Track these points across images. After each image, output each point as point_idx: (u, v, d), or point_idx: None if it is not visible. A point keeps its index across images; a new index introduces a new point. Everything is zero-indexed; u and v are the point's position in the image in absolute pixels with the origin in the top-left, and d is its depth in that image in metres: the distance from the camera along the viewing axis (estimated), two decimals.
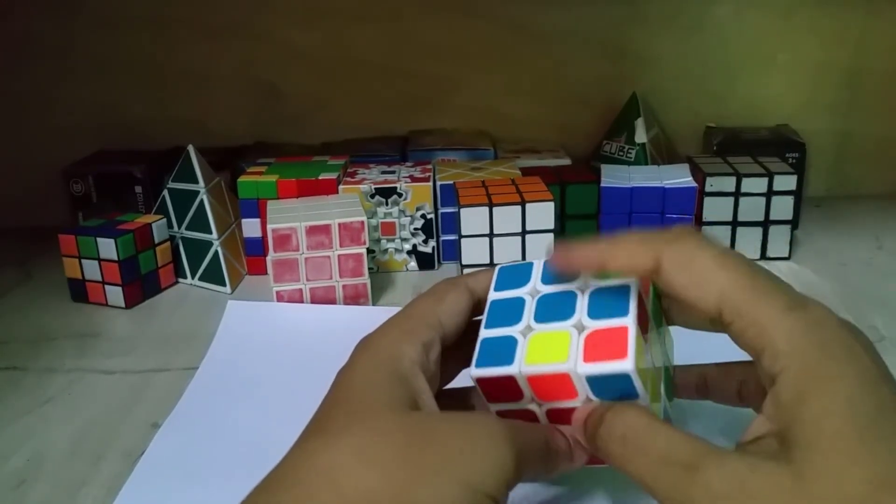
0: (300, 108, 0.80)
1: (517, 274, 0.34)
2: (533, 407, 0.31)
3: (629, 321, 0.29)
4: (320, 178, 0.63)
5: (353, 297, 0.57)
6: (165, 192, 0.64)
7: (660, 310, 0.33)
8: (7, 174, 0.79)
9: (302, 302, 0.56)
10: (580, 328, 0.30)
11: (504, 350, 0.31)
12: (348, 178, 0.64)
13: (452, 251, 0.64)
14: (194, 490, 0.37)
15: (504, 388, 0.31)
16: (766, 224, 0.64)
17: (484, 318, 0.33)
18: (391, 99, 0.80)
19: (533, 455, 0.28)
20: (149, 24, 0.76)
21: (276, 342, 0.51)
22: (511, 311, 0.32)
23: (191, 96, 0.79)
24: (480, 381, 0.31)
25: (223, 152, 0.75)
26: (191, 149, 0.62)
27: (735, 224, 0.64)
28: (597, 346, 0.29)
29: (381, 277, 0.63)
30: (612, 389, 0.29)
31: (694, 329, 0.33)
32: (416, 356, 0.30)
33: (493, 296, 0.34)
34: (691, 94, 0.80)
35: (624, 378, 0.28)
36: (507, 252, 0.58)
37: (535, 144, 0.79)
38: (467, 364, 0.32)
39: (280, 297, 0.56)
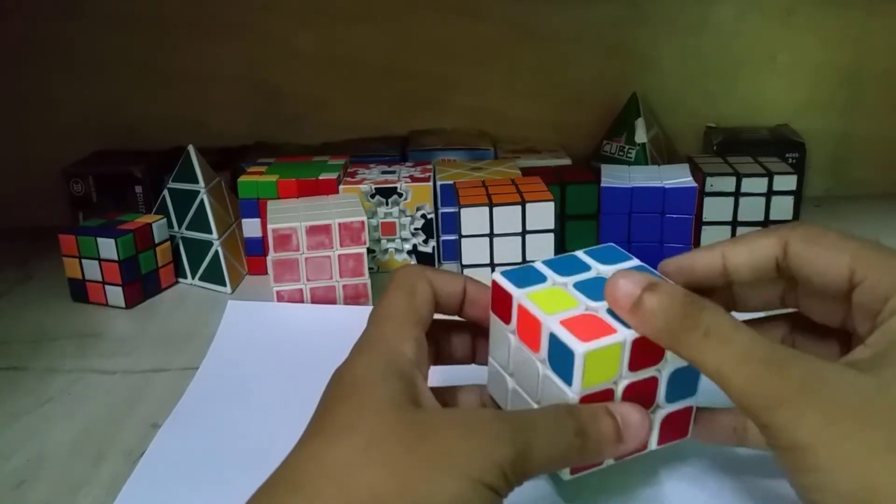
0: (300, 108, 0.80)
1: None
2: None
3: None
4: (320, 178, 0.63)
5: (354, 297, 0.57)
6: (165, 192, 0.64)
7: None
8: (7, 174, 0.79)
9: (302, 302, 0.56)
10: None
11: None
12: (348, 178, 0.65)
13: (452, 251, 0.64)
14: (194, 490, 0.37)
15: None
16: (766, 224, 0.64)
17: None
18: (391, 99, 0.80)
19: (549, 446, 0.28)
20: (149, 24, 0.76)
21: (277, 342, 0.51)
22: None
23: (191, 96, 0.79)
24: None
25: (223, 152, 0.75)
26: (191, 149, 0.62)
27: (735, 224, 0.64)
28: None
29: (381, 277, 0.63)
30: None
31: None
32: (414, 355, 0.30)
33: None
34: (691, 94, 0.80)
35: None
36: (507, 252, 0.58)
37: (535, 144, 0.79)
38: (435, 358, 0.34)
39: (280, 297, 0.56)
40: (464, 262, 0.58)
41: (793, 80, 0.80)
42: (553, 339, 0.30)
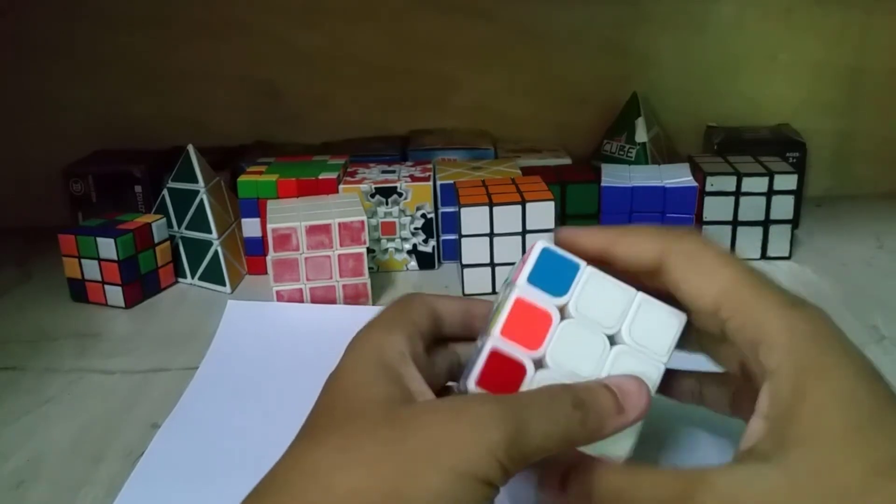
0: (300, 107, 0.80)
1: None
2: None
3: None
4: (320, 177, 0.63)
5: (354, 297, 0.57)
6: (165, 192, 0.64)
7: None
8: (7, 174, 0.79)
9: (302, 302, 0.56)
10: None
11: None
12: (348, 178, 0.64)
13: (452, 251, 0.64)
14: (194, 490, 0.37)
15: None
16: (766, 224, 0.64)
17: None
18: (391, 99, 0.80)
19: (546, 421, 0.27)
20: (149, 24, 0.76)
21: (276, 342, 0.51)
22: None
23: (191, 96, 0.79)
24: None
25: (223, 152, 0.75)
26: (191, 148, 0.62)
27: (735, 224, 0.64)
28: None
29: (381, 277, 0.63)
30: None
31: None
32: (403, 346, 0.30)
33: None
34: (692, 93, 0.80)
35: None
36: (507, 252, 0.58)
37: (535, 144, 0.79)
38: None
39: (280, 297, 0.56)
40: (464, 262, 0.58)
41: (793, 79, 0.80)
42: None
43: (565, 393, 0.28)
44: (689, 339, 0.33)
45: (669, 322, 0.31)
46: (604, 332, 0.31)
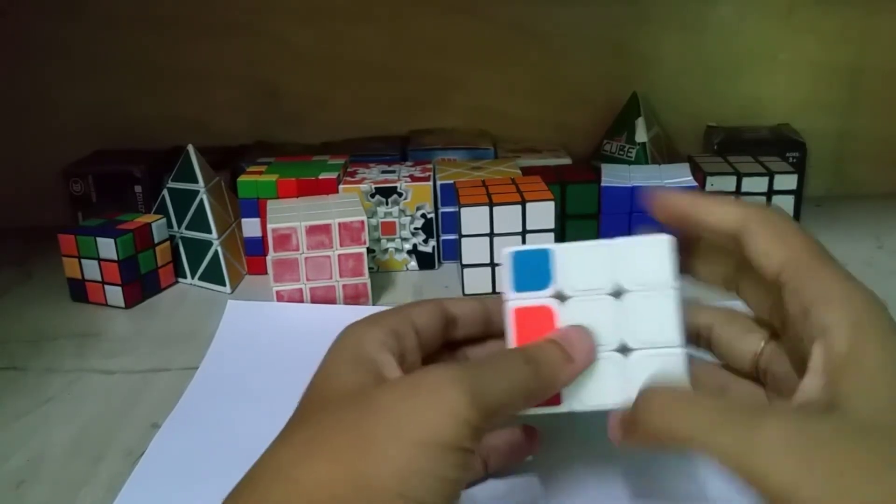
0: (300, 107, 0.80)
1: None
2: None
3: None
4: (320, 177, 0.63)
5: (354, 297, 0.57)
6: (165, 192, 0.64)
7: None
8: (7, 174, 0.79)
9: (302, 302, 0.56)
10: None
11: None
12: (348, 178, 0.64)
13: (453, 251, 0.64)
14: (194, 490, 0.37)
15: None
16: None
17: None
18: (391, 98, 0.80)
19: (503, 377, 0.28)
20: (149, 24, 0.76)
21: (276, 342, 0.51)
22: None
23: (191, 96, 0.79)
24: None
25: (223, 152, 0.75)
26: (191, 148, 0.62)
27: None
28: None
29: (381, 277, 0.63)
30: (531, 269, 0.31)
31: (713, 285, 0.33)
32: (382, 337, 0.30)
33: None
34: (692, 93, 0.80)
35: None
36: None
37: (535, 144, 0.79)
38: None
39: (280, 297, 0.56)
40: (464, 262, 0.58)
41: (793, 79, 0.80)
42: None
43: (516, 352, 0.30)
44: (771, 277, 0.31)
45: (658, 250, 0.31)
46: (605, 294, 0.31)
